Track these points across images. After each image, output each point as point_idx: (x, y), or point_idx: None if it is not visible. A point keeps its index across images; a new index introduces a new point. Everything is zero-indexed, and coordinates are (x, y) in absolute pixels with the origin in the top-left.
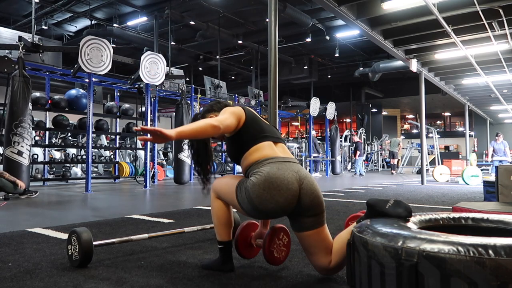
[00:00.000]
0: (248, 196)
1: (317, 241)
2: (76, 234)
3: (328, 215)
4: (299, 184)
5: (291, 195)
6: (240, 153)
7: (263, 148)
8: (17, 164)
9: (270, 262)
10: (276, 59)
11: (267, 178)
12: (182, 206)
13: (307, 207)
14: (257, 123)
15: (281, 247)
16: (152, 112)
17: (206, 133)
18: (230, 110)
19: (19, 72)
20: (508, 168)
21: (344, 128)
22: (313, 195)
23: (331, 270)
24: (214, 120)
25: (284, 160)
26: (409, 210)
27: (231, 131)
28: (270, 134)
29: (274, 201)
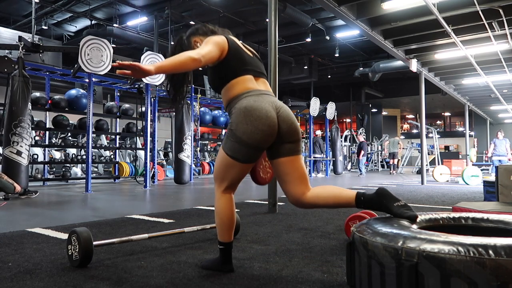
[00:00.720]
0: (235, 138)
1: (291, 169)
2: (76, 234)
3: (328, 215)
4: (276, 112)
5: (272, 121)
6: (220, 84)
7: (243, 82)
8: (16, 164)
9: (256, 182)
10: (276, 59)
11: (245, 111)
12: (182, 206)
13: (285, 133)
14: (240, 54)
15: (266, 168)
16: (152, 112)
17: (187, 67)
18: (213, 40)
19: (19, 72)
20: (508, 168)
21: (344, 128)
22: (290, 121)
23: (303, 204)
24: (195, 53)
25: (260, 93)
26: (413, 218)
27: (213, 62)
28: (251, 68)
29: (260, 130)
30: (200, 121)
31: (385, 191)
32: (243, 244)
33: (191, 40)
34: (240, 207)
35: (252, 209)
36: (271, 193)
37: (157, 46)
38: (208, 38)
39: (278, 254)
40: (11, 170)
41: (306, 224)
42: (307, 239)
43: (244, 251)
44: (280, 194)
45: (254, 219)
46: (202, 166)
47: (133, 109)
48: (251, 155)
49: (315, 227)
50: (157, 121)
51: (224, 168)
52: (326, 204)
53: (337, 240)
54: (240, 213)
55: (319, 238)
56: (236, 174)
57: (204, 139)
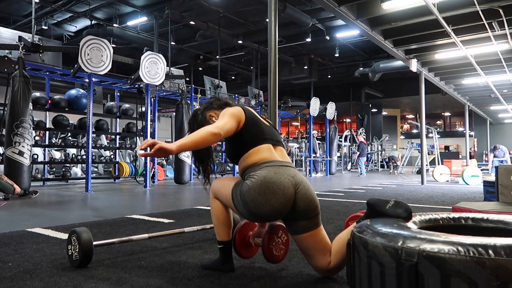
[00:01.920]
0: (243, 199)
1: (313, 243)
2: (76, 234)
3: (328, 215)
4: (295, 189)
5: (287, 200)
6: (238, 154)
7: (262, 151)
8: (18, 164)
9: (269, 260)
10: (276, 59)
11: (263, 182)
12: (182, 206)
13: (302, 211)
14: (257, 124)
15: (280, 245)
16: (152, 112)
17: (207, 142)
18: (229, 112)
19: (19, 72)
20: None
21: (344, 128)
22: (308, 200)
23: (331, 271)
24: (214, 127)
25: (282, 164)
26: (409, 211)
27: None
28: (269, 137)
29: (269, 206)
30: None
31: (373, 200)
32: None
33: (205, 115)
34: None
35: None
36: None
37: (157, 46)
38: (224, 111)
39: None
40: (13, 170)
41: None
42: None
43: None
44: None
45: None
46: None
47: (133, 109)
48: (252, 219)
49: None
50: (157, 121)
51: (223, 196)
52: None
53: None
54: None
55: None
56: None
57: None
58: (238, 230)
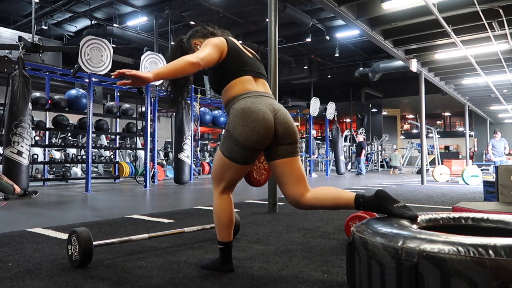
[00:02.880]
0: (232, 139)
1: (288, 170)
2: (76, 234)
3: (328, 215)
4: (274, 115)
5: (269, 124)
6: (220, 85)
7: (242, 82)
8: (17, 164)
9: (250, 183)
10: (276, 59)
11: (243, 113)
12: (182, 206)
13: (281, 136)
14: (239, 55)
15: (261, 170)
16: (152, 112)
17: (186, 71)
18: (212, 42)
19: (19, 72)
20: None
21: (344, 128)
22: (287, 124)
23: (302, 204)
24: (194, 57)
25: (259, 94)
26: (413, 218)
27: (213, 64)
28: (251, 68)
29: (256, 132)
30: (200, 121)
31: (384, 192)
32: (243, 244)
33: (191, 42)
34: (240, 207)
35: (252, 209)
36: (271, 193)
37: (157, 46)
38: (207, 41)
39: (278, 254)
40: (12, 170)
41: (306, 224)
42: (307, 239)
43: (244, 251)
44: (280, 194)
45: (254, 219)
46: (202, 166)
47: (133, 109)
48: (248, 156)
49: (315, 227)
50: (157, 121)
51: (221, 169)
52: (325, 205)
53: (337, 240)
54: (240, 213)
55: (319, 238)
56: (234, 175)
57: (204, 139)
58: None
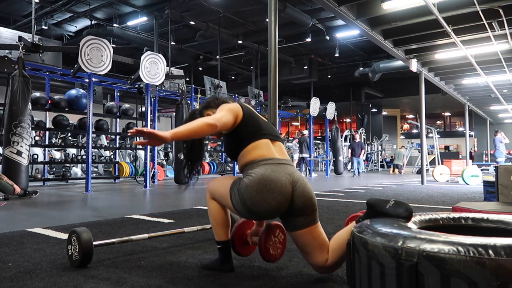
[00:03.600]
0: (241, 197)
1: (311, 240)
2: (76, 234)
3: (328, 215)
4: (292, 187)
5: (284, 198)
6: (237, 150)
7: (260, 147)
8: (16, 164)
9: (266, 259)
10: (276, 59)
11: (261, 180)
12: (182, 206)
13: (299, 208)
14: (255, 120)
15: (276, 244)
16: (152, 112)
17: (203, 132)
18: (227, 107)
19: (19, 72)
20: (508, 168)
21: (344, 128)
22: (305, 197)
23: (328, 268)
24: (211, 118)
25: (280, 162)
26: (409, 211)
27: (228, 129)
28: (267, 132)
29: (267, 204)
30: None
31: (373, 200)
32: None
33: (204, 114)
34: None
35: None
36: None
37: (157, 46)
38: (221, 106)
39: None
40: (11, 170)
41: None
42: None
43: None
44: None
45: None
46: (202, 166)
47: (133, 109)
48: (250, 217)
49: None
50: (157, 121)
51: (219, 196)
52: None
53: None
54: None
55: None
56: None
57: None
58: (236, 228)
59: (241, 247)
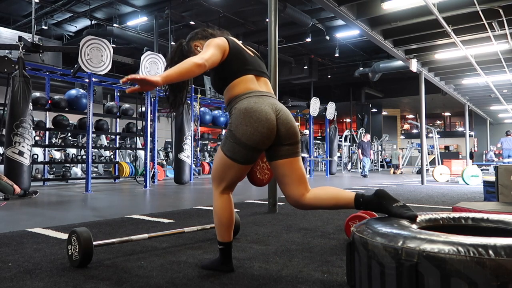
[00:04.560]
0: (234, 138)
1: (290, 171)
2: (76, 234)
3: (328, 215)
4: (276, 115)
5: (271, 124)
6: (222, 84)
7: (244, 82)
8: (18, 164)
9: (253, 183)
10: (276, 59)
11: (246, 113)
12: (182, 206)
13: (284, 136)
14: (241, 55)
15: (264, 170)
16: (152, 112)
17: (193, 73)
18: (214, 42)
19: (19, 72)
20: (508, 168)
21: (344, 128)
22: (289, 125)
23: (302, 204)
24: (199, 58)
25: (261, 94)
26: (413, 217)
27: (217, 65)
28: (253, 67)
29: (258, 132)
30: (200, 121)
31: (384, 192)
32: (243, 244)
33: (191, 45)
34: (240, 207)
35: (252, 209)
36: (271, 193)
37: (157, 46)
38: (208, 41)
39: (278, 254)
40: (13, 170)
41: (306, 224)
42: (307, 239)
43: (244, 251)
44: (280, 194)
45: (254, 219)
46: (202, 166)
47: (133, 109)
48: (250, 156)
49: (315, 227)
50: (157, 121)
51: (222, 169)
52: (325, 205)
53: (337, 240)
54: (240, 213)
55: (319, 238)
56: (234, 174)
57: (204, 139)
58: None
59: None
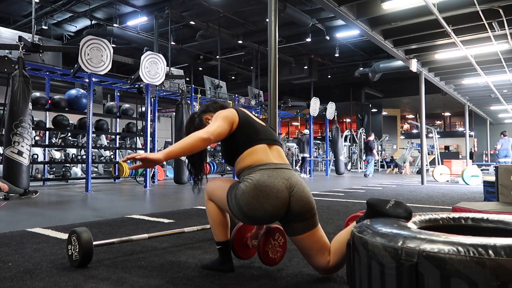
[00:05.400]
0: (238, 203)
1: (311, 243)
2: (76, 234)
3: (328, 215)
4: (289, 192)
5: (280, 203)
6: (233, 156)
7: (256, 152)
8: (17, 164)
9: (265, 263)
10: (276, 59)
11: (257, 185)
12: (182, 206)
13: (297, 213)
14: (251, 125)
15: (276, 248)
16: (152, 112)
17: (197, 148)
18: (222, 114)
19: (19, 72)
20: (508, 168)
21: (344, 128)
22: (303, 202)
23: (330, 270)
24: (204, 132)
25: (276, 167)
26: (409, 211)
27: (224, 137)
28: (264, 137)
29: (263, 209)
30: None
31: (373, 200)
32: None
33: (202, 118)
34: None
35: None
36: None
37: (157, 46)
38: (217, 114)
39: None
40: (12, 170)
41: None
42: None
43: None
44: None
45: None
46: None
47: (133, 109)
48: (247, 222)
49: None
50: (157, 121)
51: (218, 200)
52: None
53: None
54: None
55: None
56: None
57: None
58: (236, 231)
59: (241, 250)
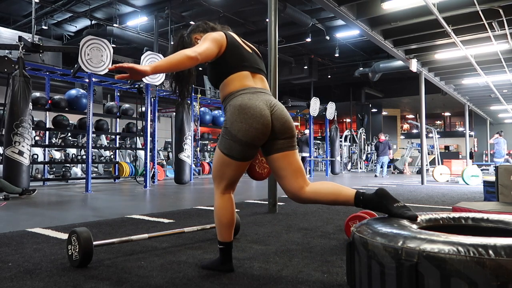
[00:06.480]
0: (230, 136)
1: (287, 164)
2: (76, 234)
3: (328, 215)
4: (270, 111)
5: (266, 119)
6: (218, 79)
7: (239, 78)
8: (18, 164)
9: (252, 177)
10: (276, 59)
11: (240, 109)
12: (182, 206)
13: (279, 131)
14: (238, 50)
15: (263, 164)
16: (152, 112)
17: (184, 65)
18: (211, 36)
19: (19, 72)
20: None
21: (344, 128)
22: (284, 119)
23: (301, 198)
24: (192, 51)
25: (256, 91)
26: (413, 218)
27: (212, 59)
28: (249, 64)
29: (254, 128)
30: (200, 121)
31: (384, 191)
32: (243, 244)
33: (191, 37)
34: (240, 207)
35: (252, 209)
36: (271, 193)
37: (157, 46)
38: (206, 35)
39: (278, 254)
40: (13, 170)
41: (306, 224)
42: (307, 239)
43: (244, 251)
44: (280, 194)
45: (254, 219)
46: (202, 166)
47: (133, 109)
48: (246, 152)
49: (315, 227)
50: (157, 121)
51: (221, 167)
52: (324, 200)
53: (337, 240)
54: (240, 213)
55: (319, 238)
56: (234, 172)
57: (204, 139)
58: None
59: None
